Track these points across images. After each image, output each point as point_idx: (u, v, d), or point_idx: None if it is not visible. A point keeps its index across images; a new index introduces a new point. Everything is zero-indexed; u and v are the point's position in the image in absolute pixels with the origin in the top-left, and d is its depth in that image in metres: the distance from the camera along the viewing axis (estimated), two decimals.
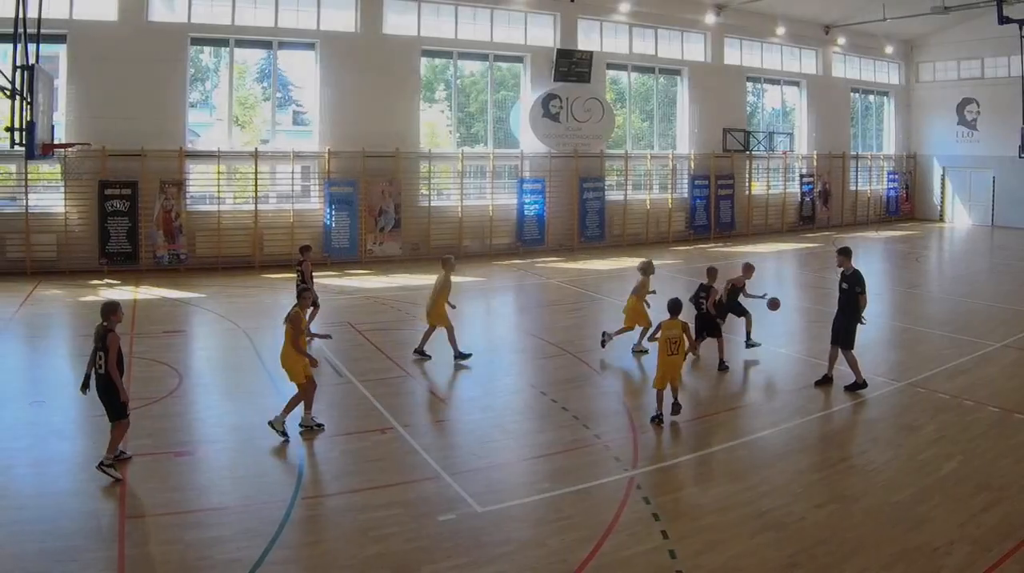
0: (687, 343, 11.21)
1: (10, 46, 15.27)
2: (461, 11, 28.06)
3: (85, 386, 9.18)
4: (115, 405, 8.98)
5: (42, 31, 16.00)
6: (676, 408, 11.06)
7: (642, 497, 8.64)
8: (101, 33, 22.54)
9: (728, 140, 33.86)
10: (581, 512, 8.32)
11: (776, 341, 15.42)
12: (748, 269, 14.84)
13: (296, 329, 10.39)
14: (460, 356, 13.85)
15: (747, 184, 35.19)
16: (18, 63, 14.55)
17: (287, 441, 10.08)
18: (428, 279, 22.95)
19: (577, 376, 13.32)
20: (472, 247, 27.77)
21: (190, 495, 8.70)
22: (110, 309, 9.10)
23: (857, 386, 12.20)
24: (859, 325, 12.29)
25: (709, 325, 13.69)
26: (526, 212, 28.72)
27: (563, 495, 8.71)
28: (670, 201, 32.63)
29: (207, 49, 26.04)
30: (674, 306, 11.22)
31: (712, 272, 13.87)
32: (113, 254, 22.70)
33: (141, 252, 23.04)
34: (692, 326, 12.57)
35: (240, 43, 25.22)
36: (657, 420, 10.94)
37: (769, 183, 36.35)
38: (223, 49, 25.40)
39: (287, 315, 10.56)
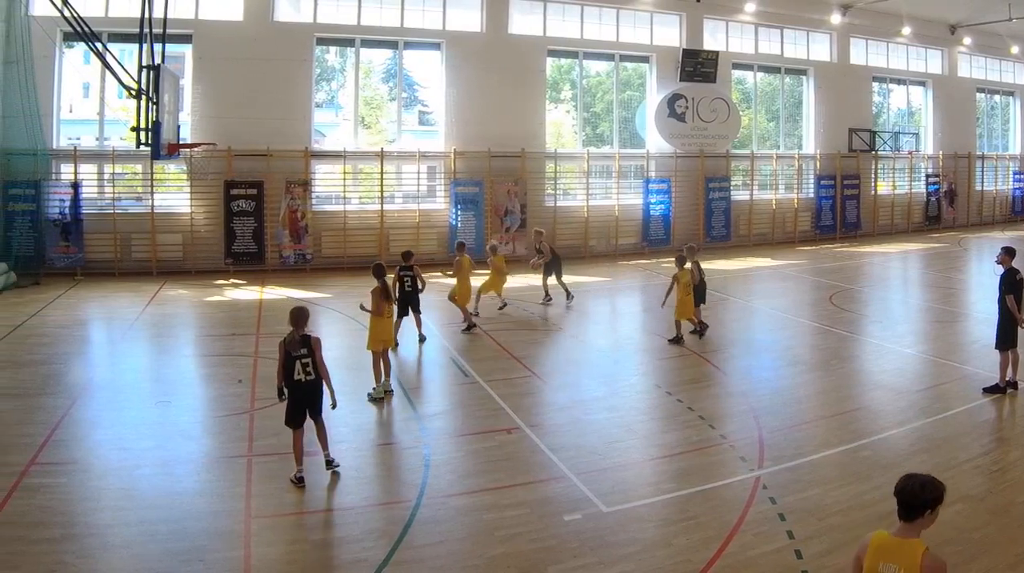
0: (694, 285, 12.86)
1: (136, 46, 13.49)
2: (587, 11, 23.23)
3: (281, 394, 7.77)
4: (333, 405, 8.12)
5: (168, 31, 14.45)
6: (704, 328, 13.01)
7: (768, 497, 7.21)
8: (226, 33, 18.93)
9: (854, 140, 28.03)
10: (707, 512, 6.96)
11: (902, 341, 13.35)
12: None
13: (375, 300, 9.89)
14: None
15: (873, 184, 28.95)
16: (144, 63, 13.07)
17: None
18: (554, 279, 18.94)
19: (702, 376, 11.39)
20: (597, 247, 22.97)
21: (316, 495, 7.36)
22: (304, 316, 7.64)
23: (996, 389, 10.09)
24: (1019, 327, 10.06)
25: (701, 293, 13.39)
26: (652, 212, 23.67)
27: (689, 495, 7.33)
28: (796, 201, 26.84)
29: (333, 49, 21.95)
30: (680, 259, 12.88)
31: (691, 250, 13.55)
32: (239, 254, 19.00)
33: (267, 252, 19.25)
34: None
35: (366, 43, 21.11)
36: (675, 341, 12.60)
37: (895, 183, 30.03)
38: (349, 49, 21.23)
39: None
